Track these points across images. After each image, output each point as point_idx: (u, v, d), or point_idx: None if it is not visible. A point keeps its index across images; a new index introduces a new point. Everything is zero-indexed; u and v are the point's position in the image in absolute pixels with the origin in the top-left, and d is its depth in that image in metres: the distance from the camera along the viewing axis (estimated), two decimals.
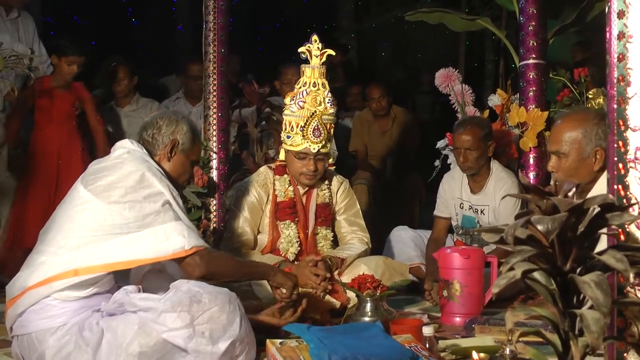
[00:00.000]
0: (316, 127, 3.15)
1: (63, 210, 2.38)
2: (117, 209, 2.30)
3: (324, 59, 3.22)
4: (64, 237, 2.29)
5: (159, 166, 2.52)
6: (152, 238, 2.31)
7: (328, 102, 3.19)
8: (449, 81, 4.45)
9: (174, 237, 2.32)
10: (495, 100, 4.33)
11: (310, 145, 3.16)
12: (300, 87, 3.21)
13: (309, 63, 3.21)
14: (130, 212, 2.31)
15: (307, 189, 3.34)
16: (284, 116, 3.27)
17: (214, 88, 4.07)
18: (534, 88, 4.01)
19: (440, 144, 4.35)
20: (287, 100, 3.25)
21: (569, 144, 2.65)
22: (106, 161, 2.46)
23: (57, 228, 2.34)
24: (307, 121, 3.14)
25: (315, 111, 3.16)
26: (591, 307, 1.45)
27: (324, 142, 3.18)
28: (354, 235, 3.41)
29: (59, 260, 2.26)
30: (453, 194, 3.89)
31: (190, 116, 4.19)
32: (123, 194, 2.32)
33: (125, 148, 2.49)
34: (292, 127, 3.19)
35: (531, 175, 3.98)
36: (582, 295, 1.54)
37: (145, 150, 2.53)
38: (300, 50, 3.21)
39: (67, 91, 4.71)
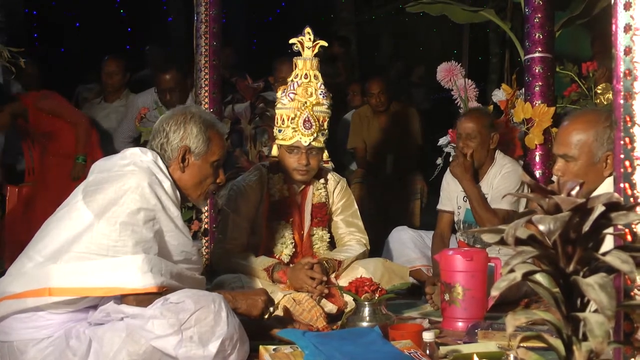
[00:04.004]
0: (307, 119, 3.08)
1: (59, 217, 2.30)
2: (108, 229, 2.20)
3: (316, 50, 3.16)
4: (50, 247, 2.21)
5: (172, 178, 2.39)
6: (134, 266, 2.17)
7: (320, 94, 3.12)
8: (451, 75, 4.37)
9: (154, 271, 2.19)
10: (499, 95, 4.25)
11: (301, 138, 3.08)
12: (291, 80, 3.16)
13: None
14: (120, 234, 2.19)
15: (302, 187, 3.26)
16: (275, 110, 3.20)
17: (206, 82, 4.00)
18: (540, 83, 3.92)
19: (442, 141, 4.27)
20: (279, 93, 3.19)
21: (578, 148, 2.52)
22: (110, 170, 2.34)
23: (46, 234, 2.27)
24: (297, 113, 3.08)
25: (306, 102, 3.09)
26: (596, 311, 1.40)
27: (315, 135, 3.10)
28: (351, 236, 3.34)
29: (38, 273, 2.18)
30: (456, 187, 3.83)
31: None
32: (118, 214, 2.21)
33: (131, 159, 2.36)
34: (283, 120, 3.13)
35: (537, 173, 3.91)
36: (586, 298, 1.48)
37: (159, 158, 2.39)
38: (291, 41, 3.16)
39: (24, 110, 4.67)
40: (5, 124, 4.65)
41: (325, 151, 3.23)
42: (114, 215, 2.21)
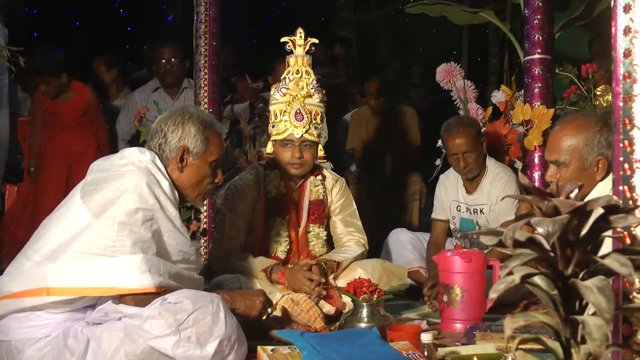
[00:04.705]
0: (298, 111, 3.09)
1: (57, 216, 2.29)
2: (106, 228, 2.19)
3: (307, 47, 3.18)
4: (48, 246, 2.20)
5: (170, 178, 2.39)
6: (132, 266, 2.16)
7: (312, 89, 3.14)
8: (450, 77, 4.36)
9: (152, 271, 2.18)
10: (499, 96, 4.25)
11: (293, 130, 3.09)
12: (284, 77, 3.18)
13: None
14: (119, 234, 2.18)
15: (299, 183, 3.25)
16: (269, 108, 3.21)
17: (205, 83, 4.01)
18: (540, 84, 3.89)
19: (441, 142, 4.28)
20: (272, 90, 3.21)
21: (569, 153, 2.53)
22: (109, 169, 2.34)
23: (44, 234, 2.26)
24: (288, 106, 3.10)
25: (297, 95, 3.10)
26: (594, 314, 1.39)
27: (307, 127, 3.10)
28: (350, 237, 3.33)
29: (36, 272, 2.17)
30: (449, 196, 3.83)
31: None
32: (116, 214, 2.20)
33: (130, 159, 2.36)
34: (276, 115, 3.15)
35: (536, 175, 3.88)
36: (584, 301, 1.47)
37: (157, 158, 2.39)
38: (282, 40, 3.18)
39: (69, 94, 4.71)
40: (51, 91, 4.75)
41: (320, 146, 3.23)
42: (112, 215, 2.20)
